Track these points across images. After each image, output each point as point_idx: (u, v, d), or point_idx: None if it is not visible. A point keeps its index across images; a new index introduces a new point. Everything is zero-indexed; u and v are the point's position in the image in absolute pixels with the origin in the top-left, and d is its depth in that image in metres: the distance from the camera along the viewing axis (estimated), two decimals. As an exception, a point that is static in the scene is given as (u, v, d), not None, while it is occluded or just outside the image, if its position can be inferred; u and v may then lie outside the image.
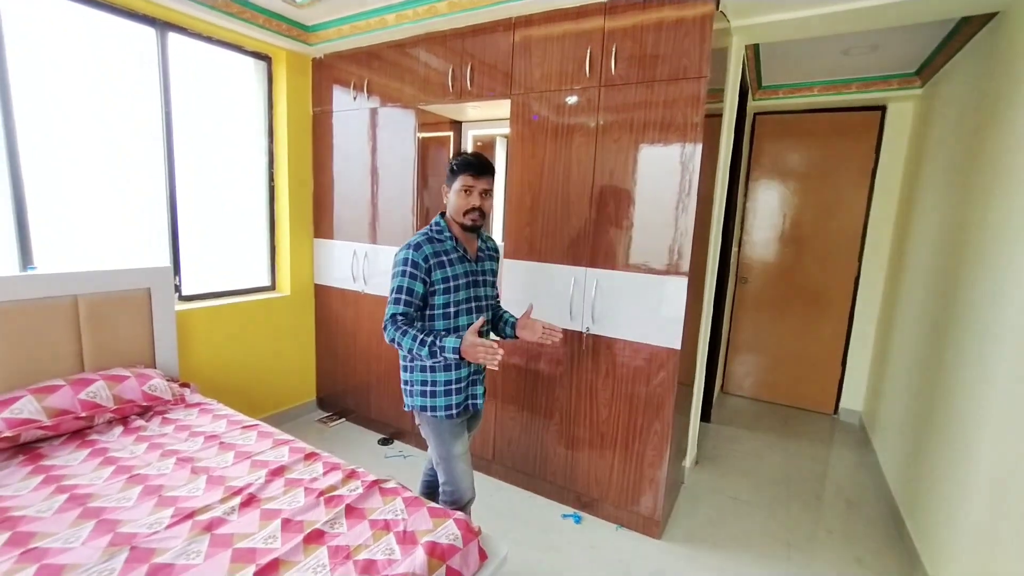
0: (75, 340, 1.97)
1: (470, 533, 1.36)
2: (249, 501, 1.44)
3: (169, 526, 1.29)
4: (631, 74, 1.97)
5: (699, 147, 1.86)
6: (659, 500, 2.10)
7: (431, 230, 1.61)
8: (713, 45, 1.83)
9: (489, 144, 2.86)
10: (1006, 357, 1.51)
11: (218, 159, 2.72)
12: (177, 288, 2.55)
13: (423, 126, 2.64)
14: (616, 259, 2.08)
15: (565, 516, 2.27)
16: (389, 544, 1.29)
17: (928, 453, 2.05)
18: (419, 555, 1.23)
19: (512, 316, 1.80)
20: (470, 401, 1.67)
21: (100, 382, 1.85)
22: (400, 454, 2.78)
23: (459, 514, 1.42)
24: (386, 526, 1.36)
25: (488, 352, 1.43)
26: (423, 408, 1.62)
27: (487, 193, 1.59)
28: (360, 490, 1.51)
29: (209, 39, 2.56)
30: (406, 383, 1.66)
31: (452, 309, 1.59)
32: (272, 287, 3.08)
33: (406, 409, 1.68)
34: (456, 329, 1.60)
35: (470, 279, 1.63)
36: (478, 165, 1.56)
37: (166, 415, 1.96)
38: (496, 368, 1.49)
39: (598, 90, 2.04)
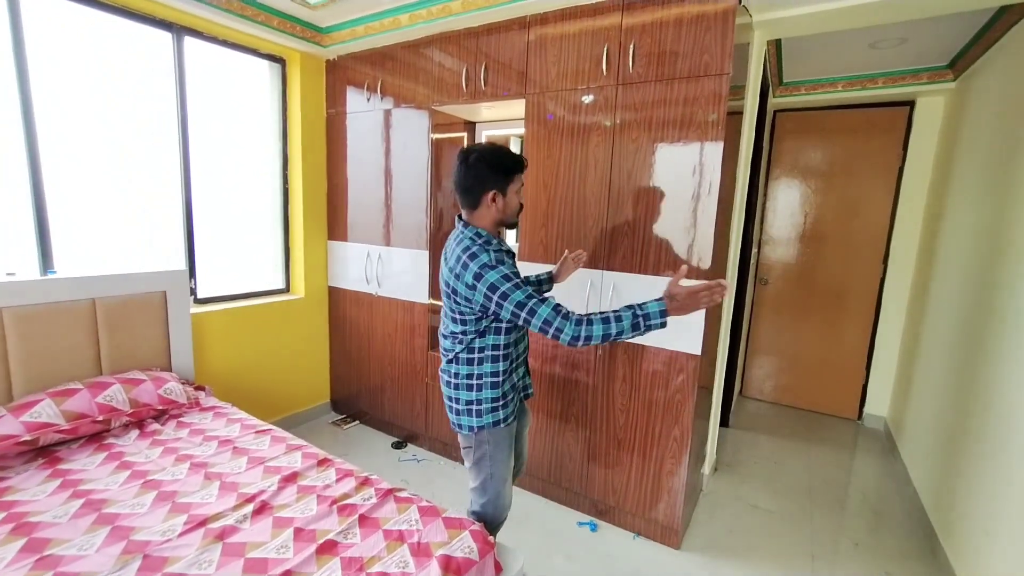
0: (93, 343, 1.98)
1: (487, 546, 1.33)
2: (262, 509, 1.42)
3: (182, 534, 1.28)
4: (649, 72, 1.91)
5: (719, 146, 1.80)
6: (677, 508, 2.04)
7: (483, 244, 1.38)
8: (735, 40, 1.77)
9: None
10: (1051, 366, 1.43)
11: (233, 162, 2.73)
12: (192, 291, 2.56)
13: (437, 127, 2.61)
14: (634, 262, 2.03)
15: (581, 524, 2.22)
16: (403, 556, 1.26)
17: (964, 463, 1.96)
18: (433, 569, 1.20)
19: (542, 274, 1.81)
20: (522, 393, 1.62)
21: (117, 385, 1.86)
22: (414, 458, 2.76)
23: (476, 525, 1.39)
24: (400, 537, 1.34)
25: (714, 291, 1.25)
26: (495, 423, 1.48)
27: None
28: (374, 499, 1.49)
29: (225, 42, 2.56)
30: (471, 404, 1.47)
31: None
32: (286, 289, 3.08)
33: (466, 433, 1.50)
34: (513, 332, 1.49)
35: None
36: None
37: (181, 419, 1.96)
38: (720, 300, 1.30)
39: (615, 88, 1.99)
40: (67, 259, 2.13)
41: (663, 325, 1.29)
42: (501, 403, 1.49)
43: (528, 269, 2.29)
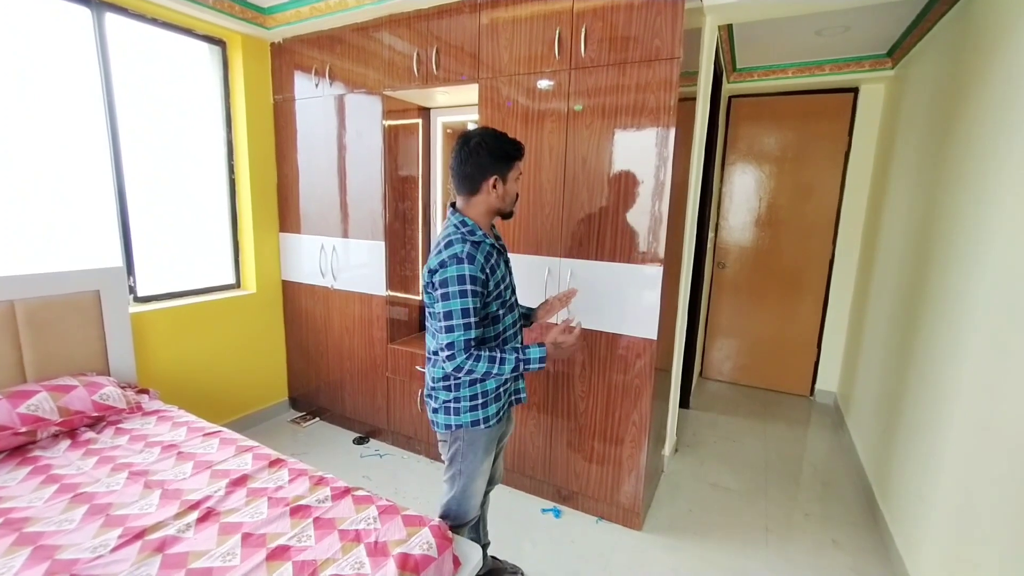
0: (14, 349, 1.83)
1: (445, 540, 1.30)
2: (207, 515, 1.35)
3: (115, 548, 1.20)
4: (602, 56, 1.89)
5: (672, 131, 1.81)
6: (639, 491, 2.08)
7: (465, 234, 1.34)
8: (685, 25, 1.77)
9: (460, 132, 2.75)
10: (976, 340, 1.52)
11: (174, 152, 2.56)
12: (132, 289, 2.41)
13: (390, 113, 2.52)
14: (590, 248, 2.02)
15: (545, 511, 2.24)
16: (359, 557, 1.22)
17: (899, 433, 2.08)
18: (390, 569, 1.17)
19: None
20: (513, 397, 1.58)
21: (43, 393, 1.72)
22: (376, 453, 2.71)
23: (435, 520, 1.36)
24: (356, 537, 1.29)
25: (572, 336, 1.41)
26: (474, 423, 1.44)
27: None
28: (329, 499, 1.44)
29: (154, 20, 2.38)
30: (448, 403, 1.44)
31: (501, 312, 1.43)
32: (237, 284, 2.94)
33: (443, 431, 1.48)
34: (503, 331, 1.46)
35: (511, 274, 1.52)
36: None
37: (120, 425, 1.84)
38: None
39: (568, 73, 1.96)
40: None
41: (543, 366, 1.39)
42: (480, 402, 1.44)
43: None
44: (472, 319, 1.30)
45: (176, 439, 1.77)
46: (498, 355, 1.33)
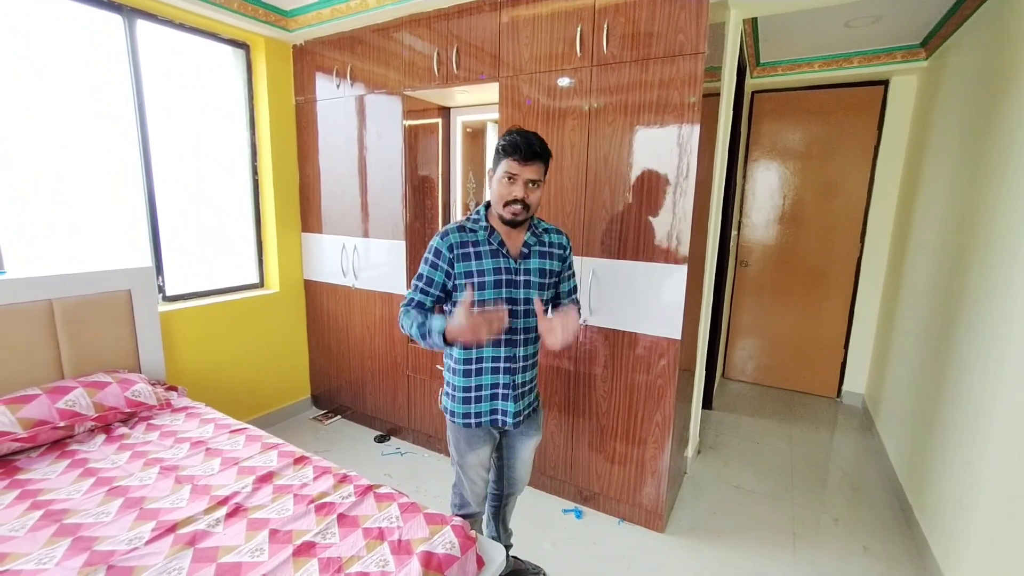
0: (52, 346, 1.89)
1: (468, 540, 1.30)
2: (235, 511, 1.37)
3: (149, 541, 1.23)
4: (624, 53, 1.87)
5: (696, 128, 1.77)
6: (661, 492, 2.05)
7: (468, 219, 1.43)
8: (710, 19, 1.73)
9: (480, 131, 2.76)
10: (1018, 339, 1.45)
11: (199, 154, 2.62)
12: (161, 288, 2.47)
13: (410, 113, 2.53)
14: (612, 247, 2.00)
15: (566, 511, 2.22)
16: (383, 555, 1.23)
17: (935, 437, 2.00)
18: (414, 567, 1.17)
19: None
20: (499, 416, 1.47)
21: (79, 389, 1.78)
22: (397, 451, 2.73)
23: (457, 520, 1.36)
24: (380, 535, 1.30)
25: (487, 323, 1.21)
26: (446, 409, 1.52)
27: (534, 184, 1.33)
28: (353, 496, 1.45)
29: (182, 26, 2.44)
30: (445, 383, 1.54)
31: (477, 309, 1.38)
32: (261, 284, 2.99)
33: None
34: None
35: (503, 277, 1.39)
36: (526, 148, 1.29)
37: (151, 421, 1.89)
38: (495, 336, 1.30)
39: (590, 70, 1.94)
40: (20, 261, 2.02)
41: (446, 344, 1.31)
42: (451, 392, 1.48)
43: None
44: (421, 284, 1.40)
45: (204, 435, 1.80)
46: (421, 319, 1.35)
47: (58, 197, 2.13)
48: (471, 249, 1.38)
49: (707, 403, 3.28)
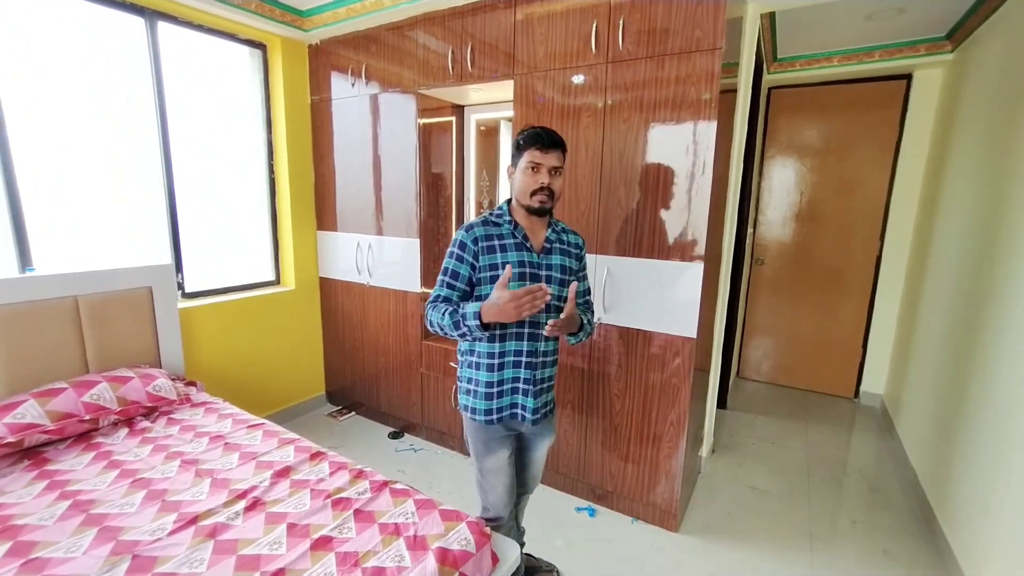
0: (78, 342, 1.94)
1: (483, 537, 1.31)
2: (254, 505, 1.40)
3: (172, 532, 1.26)
4: (640, 49, 1.85)
5: (713, 125, 1.75)
6: (675, 491, 2.04)
7: (491, 213, 1.46)
8: (728, 14, 1.71)
9: (493, 129, 2.76)
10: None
11: (217, 153, 2.66)
12: (180, 285, 2.51)
13: (424, 111, 2.54)
14: (627, 245, 1.99)
15: (579, 509, 2.22)
16: (399, 550, 1.24)
17: (960, 438, 1.96)
18: (430, 563, 1.18)
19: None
20: (519, 411, 1.46)
21: (104, 384, 1.82)
22: (411, 447, 2.75)
23: (472, 516, 1.37)
24: (396, 530, 1.32)
25: (529, 300, 1.22)
26: (465, 407, 1.49)
27: (556, 171, 1.39)
28: (368, 492, 1.47)
29: (200, 27, 2.47)
30: (459, 380, 1.53)
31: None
32: (277, 281, 3.04)
33: (457, 408, 1.56)
34: (504, 328, 1.40)
35: (526, 271, 1.41)
36: (547, 138, 1.37)
37: (172, 415, 1.93)
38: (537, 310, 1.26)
39: (605, 67, 1.93)
40: (47, 257, 2.07)
41: (481, 328, 1.29)
42: (470, 388, 1.47)
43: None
44: (446, 278, 1.40)
45: (222, 430, 1.84)
46: (451, 309, 1.35)
47: (81, 197, 2.18)
48: (496, 242, 1.40)
49: (722, 402, 3.25)
